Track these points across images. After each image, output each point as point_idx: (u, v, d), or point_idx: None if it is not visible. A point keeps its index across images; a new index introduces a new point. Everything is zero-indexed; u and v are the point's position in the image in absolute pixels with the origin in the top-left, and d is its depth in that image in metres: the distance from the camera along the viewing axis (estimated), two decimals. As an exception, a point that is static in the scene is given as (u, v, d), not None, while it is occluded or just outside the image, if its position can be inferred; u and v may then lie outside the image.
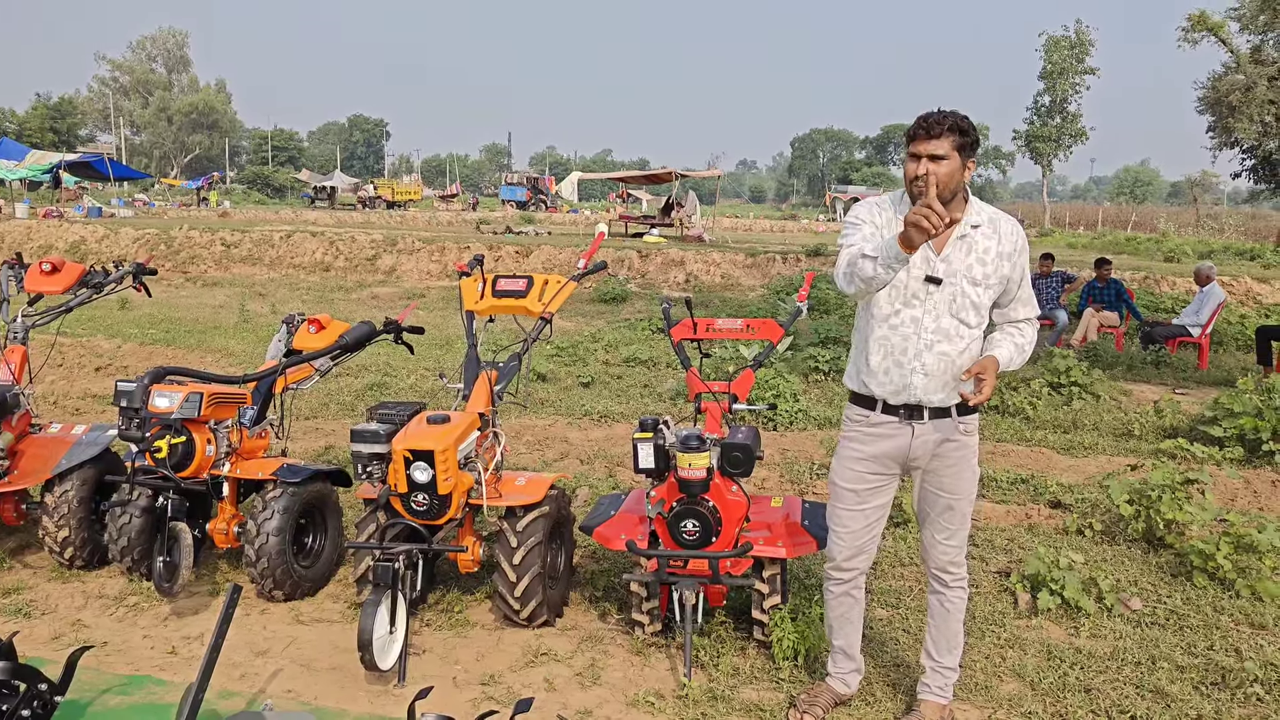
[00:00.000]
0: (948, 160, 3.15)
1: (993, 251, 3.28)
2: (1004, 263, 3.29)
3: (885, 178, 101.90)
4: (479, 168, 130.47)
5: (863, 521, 3.57)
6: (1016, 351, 3.39)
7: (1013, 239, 3.31)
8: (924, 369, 3.32)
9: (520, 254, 21.85)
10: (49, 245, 23.68)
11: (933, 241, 3.24)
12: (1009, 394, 9.01)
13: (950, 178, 3.16)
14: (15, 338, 5.15)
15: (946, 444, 3.41)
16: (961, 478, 3.47)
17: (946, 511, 3.51)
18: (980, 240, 3.29)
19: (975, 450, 3.50)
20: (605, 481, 6.49)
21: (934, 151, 3.15)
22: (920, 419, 3.38)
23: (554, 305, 4.70)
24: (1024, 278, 3.37)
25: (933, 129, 3.16)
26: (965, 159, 3.19)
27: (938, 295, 3.27)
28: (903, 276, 3.28)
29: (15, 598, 4.60)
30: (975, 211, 3.32)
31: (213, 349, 11.15)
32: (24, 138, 64.87)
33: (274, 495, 4.56)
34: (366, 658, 3.73)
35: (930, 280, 3.26)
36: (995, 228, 3.31)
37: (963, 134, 3.17)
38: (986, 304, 3.33)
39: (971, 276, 3.27)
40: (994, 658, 4.19)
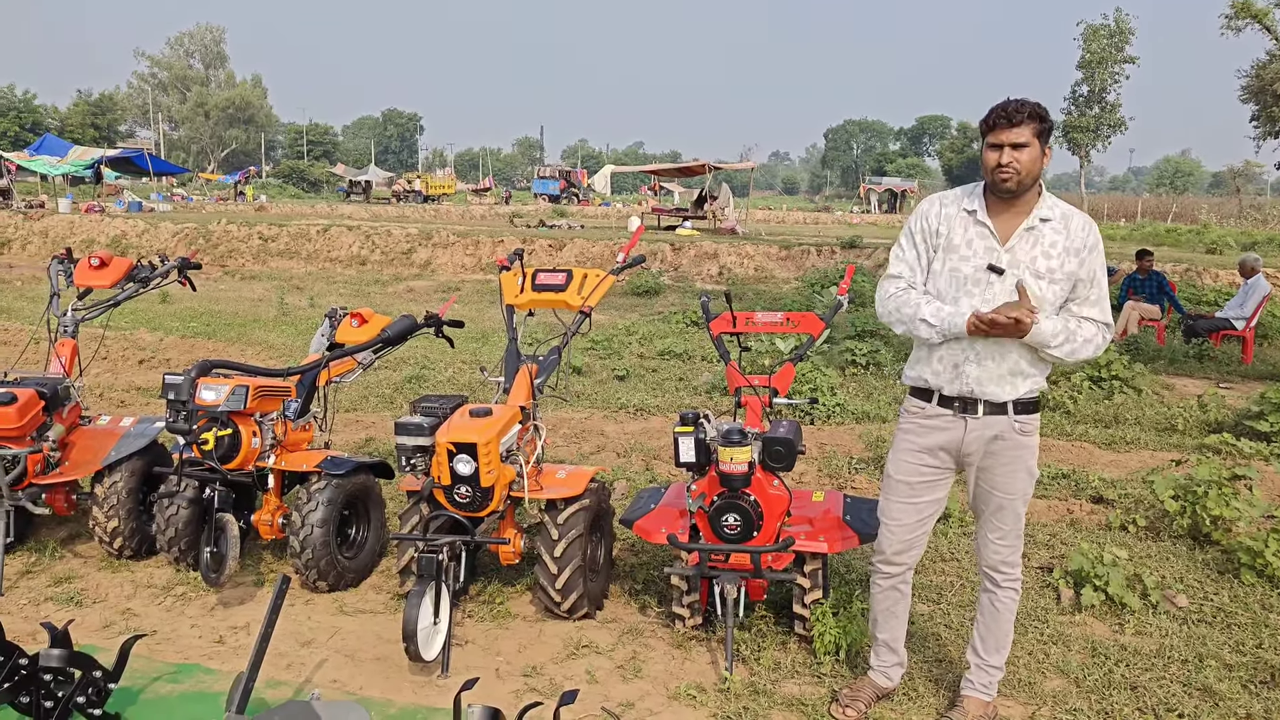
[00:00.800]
0: (1029, 147, 3.16)
1: (1060, 245, 3.24)
2: (1070, 258, 3.23)
3: (920, 169, 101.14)
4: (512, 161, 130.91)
5: (915, 515, 3.55)
6: (1066, 334, 3.21)
7: (1083, 236, 3.24)
8: (977, 357, 3.29)
9: (554, 247, 21.90)
10: (91, 239, 24.06)
11: (999, 231, 3.26)
12: (1050, 388, 8.93)
13: (1032, 164, 3.18)
14: (66, 331, 5.24)
15: (1000, 441, 3.35)
16: (1015, 477, 3.40)
17: (999, 511, 3.47)
18: (1048, 234, 3.25)
19: (1033, 451, 3.42)
20: (642, 475, 6.51)
21: (1015, 140, 3.15)
22: (975, 413, 3.34)
23: (593, 299, 4.72)
24: (1094, 280, 3.26)
25: (1014, 116, 3.16)
26: (1043, 146, 3.21)
27: (999, 285, 3.25)
28: (964, 267, 3.30)
29: (67, 586, 4.69)
30: (1048, 205, 3.27)
31: (253, 342, 11.28)
32: (66, 134, 65.95)
33: (318, 487, 4.62)
34: (411, 649, 3.76)
35: (992, 269, 3.25)
36: (1066, 224, 3.26)
37: (1041, 120, 3.18)
38: (1049, 299, 3.24)
39: (1035, 269, 3.23)
40: (1037, 654, 4.16)
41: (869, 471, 6.71)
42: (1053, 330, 3.20)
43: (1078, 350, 3.25)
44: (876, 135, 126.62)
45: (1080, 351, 3.26)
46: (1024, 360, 3.28)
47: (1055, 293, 3.25)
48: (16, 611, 4.41)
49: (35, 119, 74.63)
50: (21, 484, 4.64)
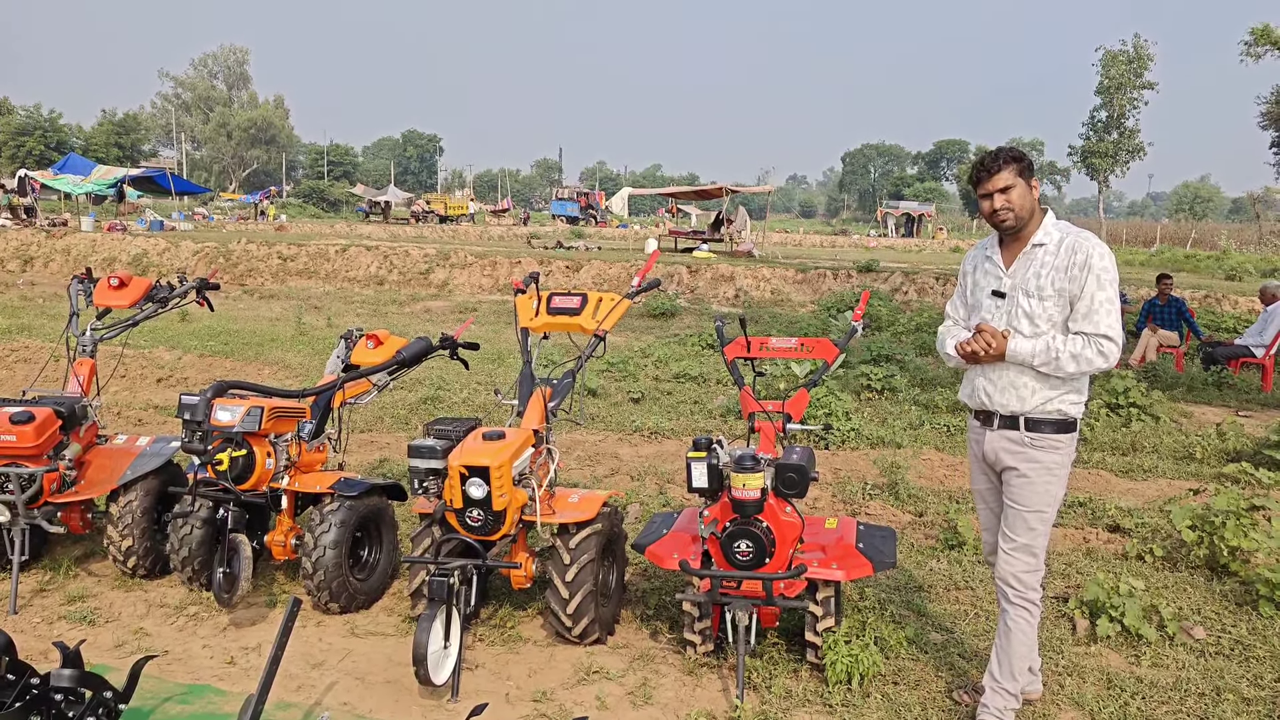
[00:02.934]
0: (1015, 187, 3.51)
1: (1049, 265, 3.50)
2: (1059, 275, 3.47)
3: (937, 193, 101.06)
4: (530, 183, 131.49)
5: (991, 517, 3.85)
6: (1045, 351, 3.45)
7: (1072, 254, 3.46)
8: (984, 373, 3.63)
9: (570, 268, 21.96)
10: (113, 258, 24.27)
11: (1004, 261, 3.64)
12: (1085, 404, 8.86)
13: (1023, 200, 3.52)
14: (84, 350, 5.28)
15: (1016, 454, 3.57)
16: (1028, 490, 3.56)
17: (1009, 519, 3.63)
18: (1040, 255, 3.54)
19: (1051, 469, 3.55)
20: (656, 498, 6.49)
21: (1000, 185, 3.52)
22: (991, 425, 3.64)
23: (608, 323, 4.73)
24: (1086, 293, 3.44)
25: (991, 166, 3.53)
26: (1028, 180, 3.54)
27: (1003, 307, 3.60)
28: (979, 294, 3.72)
29: (80, 605, 4.71)
30: (1044, 231, 3.56)
31: (270, 361, 11.33)
32: (90, 153, 66.67)
33: (331, 509, 4.63)
34: (421, 672, 3.76)
35: (995, 294, 3.63)
36: (1059, 245, 3.51)
37: (1018, 161, 3.53)
38: (1042, 315, 3.50)
39: (1026, 289, 3.54)
40: (1052, 685, 4.11)
41: (883, 498, 6.68)
42: (1031, 350, 3.47)
43: (1064, 364, 3.43)
44: (894, 159, 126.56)
45: (1068, 365, 3.43)
46: (1024, 375, 3.52)
47: (1047, 308, 3.50)
48: (30, 630, 4.43)
49: (60, 138, 75.46)
50: (37, 502, 4.67)
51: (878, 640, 4.21)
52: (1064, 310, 3.49)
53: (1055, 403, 3.51)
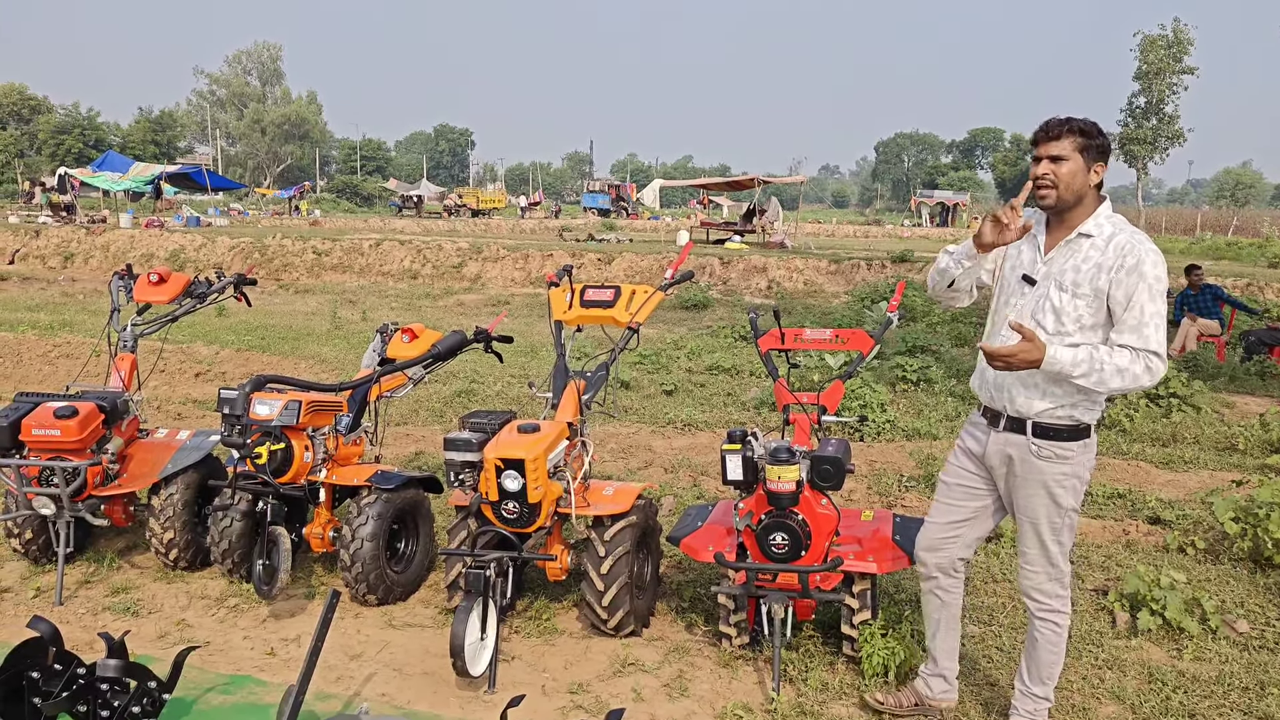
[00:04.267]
0: (1068, 161, 3.17)
1: (1092, 260, 3.17)
2: (1101, 275, 3.14)
3: (972, 182, 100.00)
4: (562, 176, 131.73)
5: (945, 516, 3.61)
6: (1089, 362, 3.08)
7: (1121, 255, 3.12)
8: None
9: (602, 261, 21.98)
10: (150, 254, 24.59)
11: (1045, 244, 3.31)
12: (1105, 405, 8.76)
13: (1072, 178, 3.18)
14: (125, 346, 5.36)
15: (1019, 462, 3.34)
16: (1034, 499, 3.34)
17: (1022, 534, 3.45)
18: (1085, 248, 3.21)
19: (1058, 480, 3.29)
20: (690, 491, 6.49)
21: (1054, 153, 3.18)
22: (996, 426, 3.39)
23: (641, 316, 4.72)
24: (1132, 303, 3.11)
25: (1052, 130, 3.19)
26: (1090, 162, 3.19)
27: (1029, 295, 3.30)
28: (1009, 274, 3.40)
29: (124, 596, 4.78)
30: (1095, 223, 3.22)
31: (306, 355, 11.44)
32: (127, 150, 67.55)
33: (368, 501, 4.67)
34: (458, 664, 3.78)
35: (1026, 279, 3.33)
36: (1109, 241, 3.17)
37: (1086, 136, 3.17)
38: (1071, 314, 3.19)
39: (1061, 281, 3.22)
40: (1092, 679, 4.07)
41: (919, 489, 6.63)
42: (1073, 359, 3.10)
43: (1107, 380, 3.10)
44: (928, 148, 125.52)
45: (1111, 381, 3.10)
46: (1034, 375, 3.21)
47: (1078, 307, 3.18)
48: (75, 621, 4.51)
49: (99, 136, 76.50)
50: (82, 495, 4.75)
51: (914, 633, 4.19)
52: (1096, 314, 3.16)
53: (1067, 409, 3.22)
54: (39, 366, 10.66)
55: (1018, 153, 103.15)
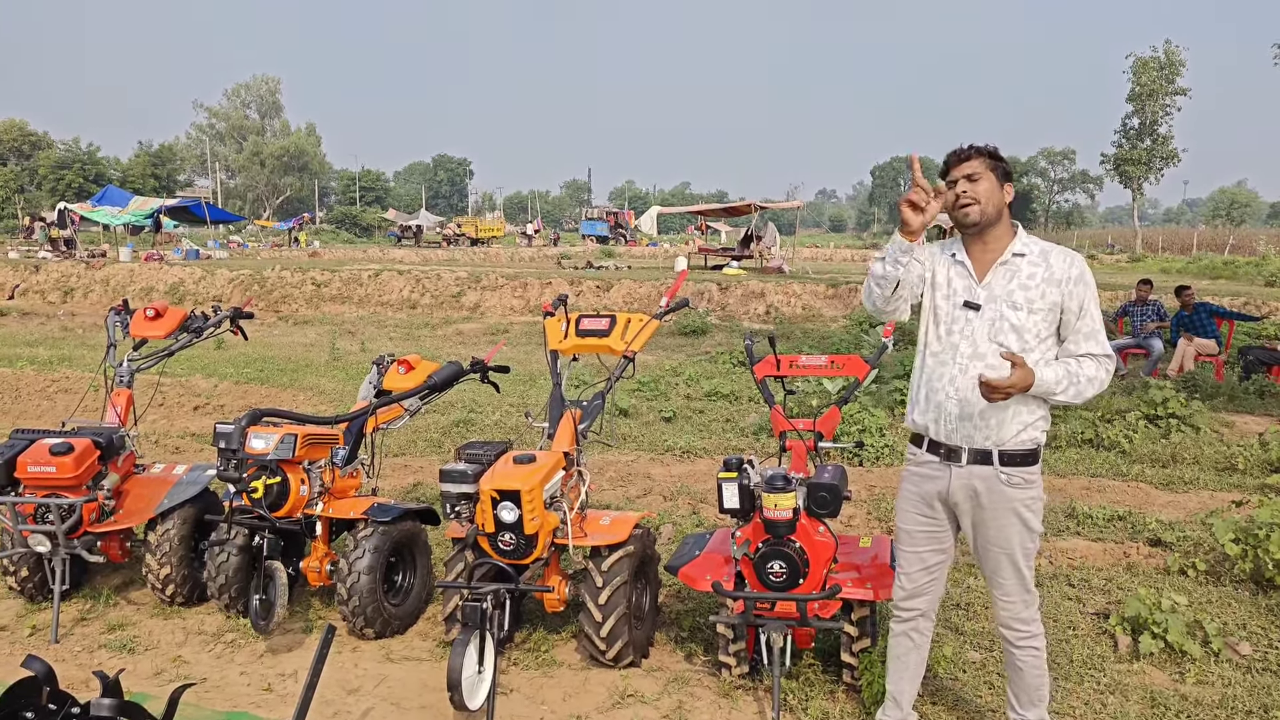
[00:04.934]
0: (983, 179, 3.26)
1: (1038, 277, 3.25)
2: (1051, 288, 3.23)
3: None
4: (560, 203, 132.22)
5: (918, 564, 3.53)
6: (1068, 378, 3.19)
7: (1065, 267, 3.25)
8: (957, 394, 3.28)
9: (600, 288, 22.02)
10: (150, 287, 24.64)
11: (974, 269, 3.33)
12: (1103, 427, 8.76)
13: (990, 194, 3.26)
14: (121, 381, 5.36)
15: (988, 495, 3.30)
16: (1006, 530, 3.31)
17: (998, 566, 3.38)
18: (1025, 266, 3.28)
19: (1028, 505, 3.31)
20: (689, 519, 6.47)
21: (968, 172, 3.28)
22: (958, 461, 3.33)
23: (637, 344, 4.73)
24: (1084, 311, 3.24)
25: (962, 153, 3.32)
26: (1000, 180, 3.29)
27: (977, 321, 3.29)
28: (944, 304, 3.37)
29: (120, 634, 4.76)
30: (1023, 242, 3.32)
31: (305, 387, 11.43)
32: (127, 184, 67.77)
33: (365, 534, 4.65)
34: (455, 698, 3.75)
35: (969, 306, 3.31)
36: (1045, 258, 3.28)
37: (993, 158, 3.29)
38: (1031, 329, 3.24)
39: (1012, 301, 3.25)
40: (1094, 704, 4.05)
41: (919, 514, 6.61)
42: (1055, 377, 3.18)
43: (1083, 391, 3.22)
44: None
45: (1086, 391, 3.22)
46: (1013, 402, 3.21)
47: (1036, 322, 3.24)
48: (71, 659, 4.48)
49: (99, 170, 76.73)
50: (77, 532, 4.73)
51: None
52: (1050, 326, 3.25)
53: (1030, 430, 3.27)
54: (37, 402, 10.66)
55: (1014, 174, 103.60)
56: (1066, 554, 5.84)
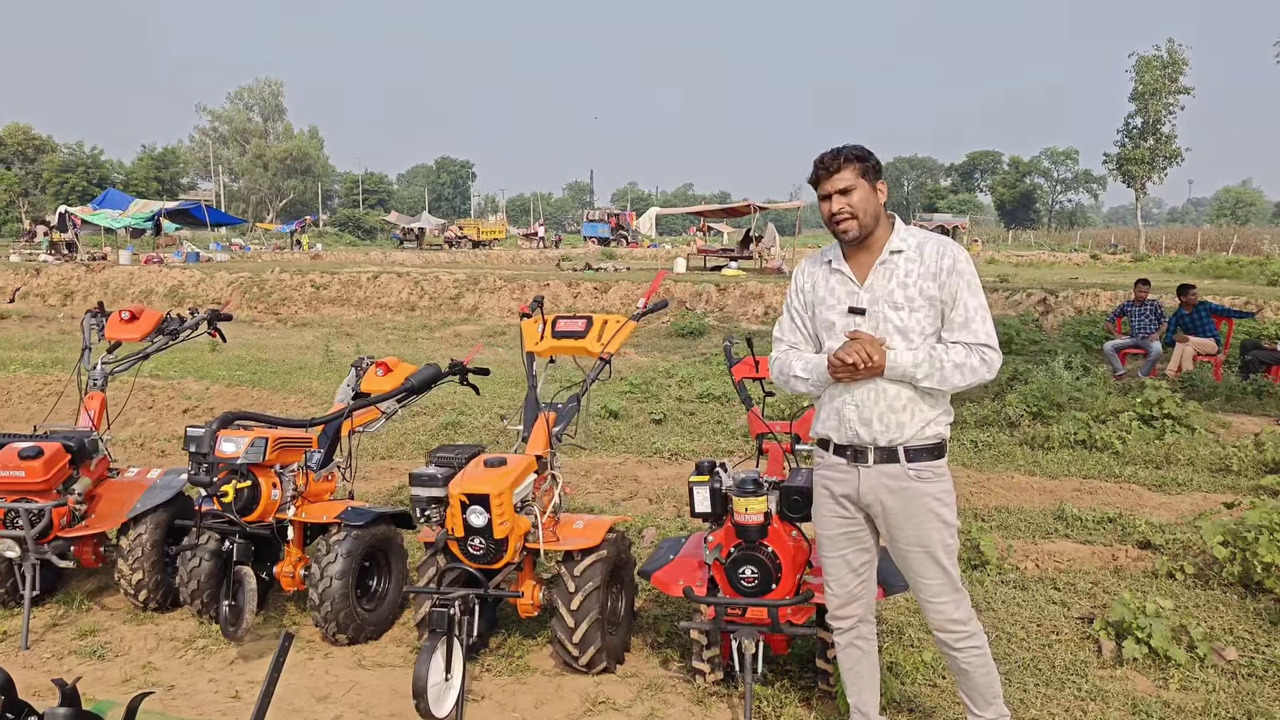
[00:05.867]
0: (856, 189, 3.20)
1: (915, 274, 3.20)
2: (928, 283, 3.18)
3: (971, 204, 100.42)
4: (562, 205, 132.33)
5: (844, 568, 3.44)
6: (929, 362, 3.13)
7: (939, 259, 3.18)
8: (854, 401, 3.24)
9: (599, 290, 21.96)
10: (149, 290, 24.64)
11: (856, 273, 3.28)
12: (1097, 428, 8.67)
13: (864, 203, 3.20)
14: (95, 385, 5.31)
15: (900, 493, 3.24)
16: (925, 525, 3.24)
17: (921, 565, 3.29)
18: (902, 264, 3.22)
19: (941, 500, 3.25)
20: (674, 522, 6.40)
21: (839, 186, 3.20)
22: (865, 461, 3.26)
23: (613, 346, 4.66)
24: (959, 301, 3.16)
25: (830, 165, 3.22)
26: (872, 183, 3.23)
27: (865, 326, 3.23)
28: (830, 314, 3.31)
29: (91, 639, 4.70)
30: (900, 238, 3.25)
31: (296, 389, 11.37)
32: (131, 187, 67.98)
33: (337, 538, 4.60)
34: (421, 705, 3.69)
35: (854, 311, 3.25)
36: (920, 251, 3.22)
37: (861, 160, 3.21)
38: (915, 328, 3.18)
39: (893, 301, 3.20)
40: (1074, 710, 3.97)
41: (906, 517, 6.54)
42: (914, 360, 3.14)
43: (949, 376, 3.13)
44: (927, 172, 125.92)
45: (953, 377, 3.13)
46: (902, 397, 3.19)
47: (919, 320, 3.18)
48: (40, 665, 4.43)
49: (102, 174, 77.02)
50: (48, 537, 4.68)
51: (891, 666, 4.10)
52: (935, 321, 3.18)
53: (934, 425, 3.21)
54: (28, 405, 10.62)
55: (1016, 175, 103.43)
56: (1054, 557, 5.77)
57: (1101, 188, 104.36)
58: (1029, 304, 18.42)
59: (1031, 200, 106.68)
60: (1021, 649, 4.54)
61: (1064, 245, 59.65)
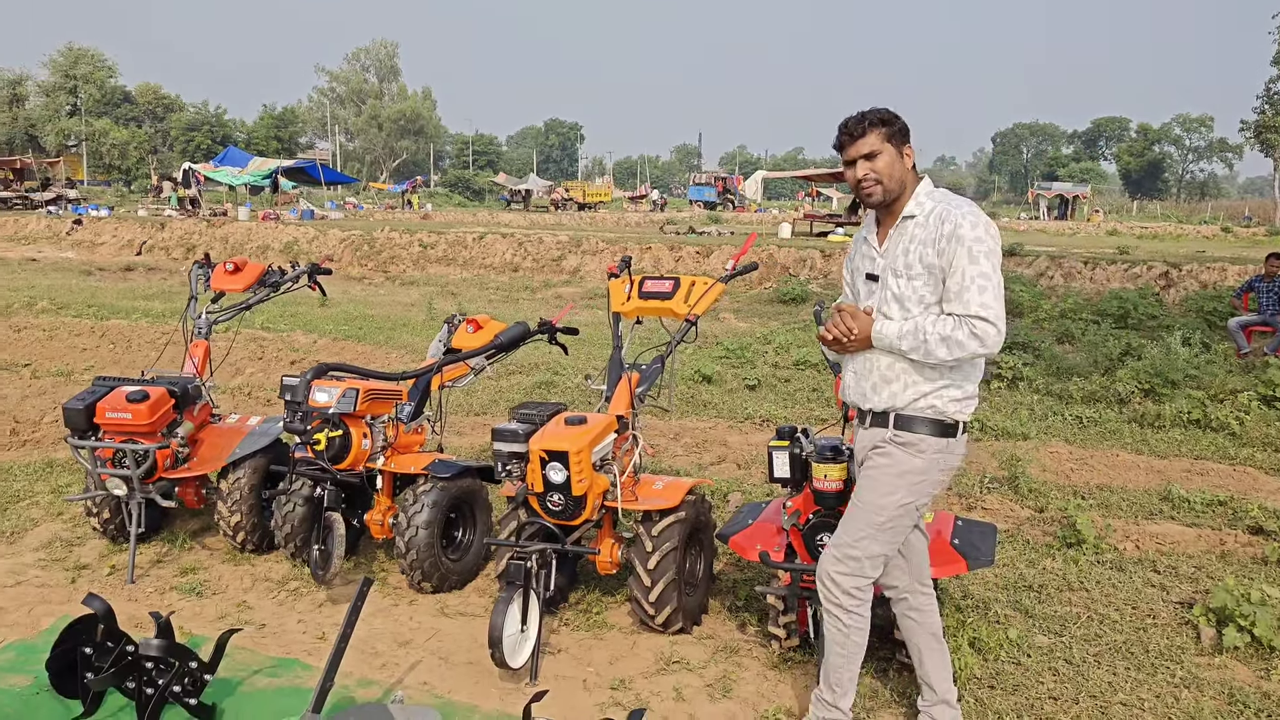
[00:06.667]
0: (882, 154, 3.16)
1: (919, 239, 3.13)
2: (928, 250, 3.10)
3: (1094, 173, 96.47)
4: (670, 168, 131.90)
5: None
6: (913, 333, 3.07)
7: (940, 226, 3.08)
8: (853, 366, 3.31)
9: (700, 254, 21.86)
10: (266, 245, 25.48)
11: (879, 237, 3.29)
12: (1213, 407, 8.27)
13: (890, 169, 3.16)
14: (199, 333, 5.51)
15: (876, 450, 3.25)
16: (875, 485, 3.23)
17: (846, 516, 3.32)
18: (910, 229, 3.17)
19: (904, 473, 3.19)
20: (760, 488, 6.36)
21: (864, 151, 3.16)
22: (864, 423, 3.31)
23: (700, 307, 4.62)
24: (956, 269, 3.04)
25: (855, 130, 3.18)
26: (899, 147, 3.18)
27: (878, 293, 3.24)
28: (857, 280, 3.37)
29: (191, 577, 4.91)
30: (919, 201, 3.19)
31: (399, 345, 11.65)
32: (251, 146, 70.25)
33: (424, 489, 4.69)
34: (496, 655, 3.76)
35: (870, 278, 3.28)
36: (929, 215, 3.14)
37: (886, 124, 3.16)
38: (912, 297, 3.13)
39: (894, 268, 3.18)
40: (1166, 697, 3.82)
41: (1002, 491, 6.37)
42: (898, 332, 3.11)
43: (933, 349, 3.05)
44: (1048, 138, 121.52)
45: (938, 350, 3.05)
46: (894, 368, 3.17)
47: (916, 289, 3.12)
48: (143, 599, 4.64)
49: (225, 132, 79.79)
50: (152, 478, 4.89)
51: (974, 642, 4.00)
52: (937, 290, 3.10)
53: (931, 399, 3.13)
54: (146, 351, 11.09)
55: (1144, 143, 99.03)
56: (1155, 538, 5.54)
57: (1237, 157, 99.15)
58: (1149, 277, 17.64)
59: (1160, 170, 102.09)
60: (1114, 631, 4.38)
61: (1193, 217, 56.98)
